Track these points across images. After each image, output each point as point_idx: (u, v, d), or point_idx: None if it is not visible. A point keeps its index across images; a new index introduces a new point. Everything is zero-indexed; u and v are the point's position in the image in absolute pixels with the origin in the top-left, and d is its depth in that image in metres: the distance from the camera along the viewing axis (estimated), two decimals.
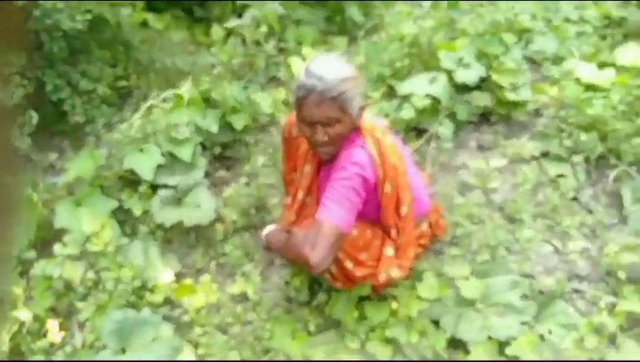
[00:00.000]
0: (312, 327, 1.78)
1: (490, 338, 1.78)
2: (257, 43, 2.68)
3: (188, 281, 1.90)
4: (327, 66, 1.56)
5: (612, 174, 2.44)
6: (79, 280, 1.89)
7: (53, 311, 1.87)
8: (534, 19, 3.26)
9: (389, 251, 1.76)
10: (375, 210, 1.74)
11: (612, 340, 1.82)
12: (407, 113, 2.55)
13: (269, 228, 1.86)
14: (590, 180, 2.49)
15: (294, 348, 1.69)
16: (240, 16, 2.76)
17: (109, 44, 2.82)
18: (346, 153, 1.66)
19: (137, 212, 2.12)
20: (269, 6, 2.91)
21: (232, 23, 2.62)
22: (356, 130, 1.70)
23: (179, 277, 2.00)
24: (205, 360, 1.68)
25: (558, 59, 3.08)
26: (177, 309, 1.86)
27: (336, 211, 1.54)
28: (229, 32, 3.15)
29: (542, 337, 1.82)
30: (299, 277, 1.88)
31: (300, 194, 1.89)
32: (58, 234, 2.19)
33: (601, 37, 3.37)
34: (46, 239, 2.17)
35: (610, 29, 3.45)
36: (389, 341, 1.77)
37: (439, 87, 2.63)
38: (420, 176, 2.03)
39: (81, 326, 1.88)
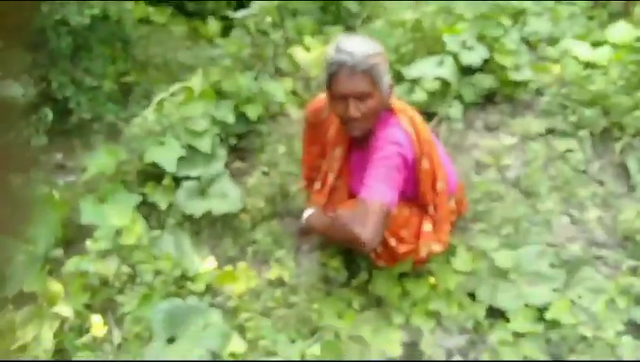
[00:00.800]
0: (355, 306, 1.80)
1: (526, 305, 1.84)
2: (264, 33, 2.67)
3: (228, 268, 1.89)
4: (356, 43, 1.61)
5: (617, 146, 2.55)
6: (113, 274, 1.86)
7: (88, 307, 1.83)
8: (526, 0, 3.35)
9: (427, 227, 1.80)
10: (412, 188, 1.77)
11: (637, 301, 1.91)
12: (419, 96, 2.59)
13: (309, 211, 1.86)
14: (597, 153, 2.59)
15: (343, 326, 1.70)
16: (243, 7, 2.75)
17: (108, 40, 2.76)
18: (383, 134, 1.68)
19: (163, 205, 2.10)
20: None
21: (240, 13, 2.60)
22: (388, 110, 1.73)
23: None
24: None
25: (552, 40, 3.18)
26: (219, 297, 1.85)
27: (381, 189, 1.57)
28: (228, 25, 3.13)
29: (573, 302, 1.88)
30: (336, 258, 1.90)
31: (331, 178, 1.90)
32: (81, 232, 2.15)
33: (589, 17, 3.50)
34: (68, 237, 2.12)
35: (596, 10, 3.58)
36: (431, 314, 1.81)
37: (447, 69, 2.68)
38: (446, 154, 2.07)
39: (118, 320, 1.85)
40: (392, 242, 1.72)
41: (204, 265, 1.90)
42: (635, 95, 2.57)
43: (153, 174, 2.20)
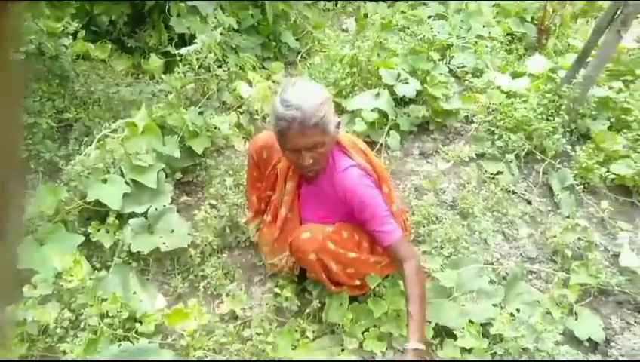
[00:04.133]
0: (309, 335, 1.82)
1: (471, 322, 1.93)
2: (207, 69, 2.70)
3: (178, 307, 1.85)
4: (301, 94, 1.58)
5: (540, 168, 2.78)
6: (54, 321, 1.77)
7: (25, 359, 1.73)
8: (451, 37, 3.61)
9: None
10: None
11: (570, 311, 2.06)
12: (360, 127, 2.71)
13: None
14: (523, 174, 2.81)
15: (298, 357, 1.71)
16: (185, 44, 2.77)
17: (44, 76, 2.68)
18: (344, 178, 1.72)
19: (107, 244, 2.03)
20: (209, 34, 2.96)
21: (183, 50, 2.62)
22: (337, 146, 1.78)
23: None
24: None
25: (477, 72, 3.45)
26: (170, 337, 1.81)
27: (391, 231, 1.71)
28: (171, 61, 3.14)
29: (512, 315, 2.00)
30: (288, 288, 1.92)
31: (283, 211, 1.94)
32: (16, 278, 2.03)
33: (507, 51, 3.82)
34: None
35: (513, 44, 3.92)
36: (383, 337, 1.86)
37: (384, 101, 2.83)
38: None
39: None
40: (351, 255, 1.77)
41: (153, 304, 1.85)
42: (553, 121, 2.83)
43: (96, 213, 2.14)
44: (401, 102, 3.03)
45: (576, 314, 2.05)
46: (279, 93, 1.63)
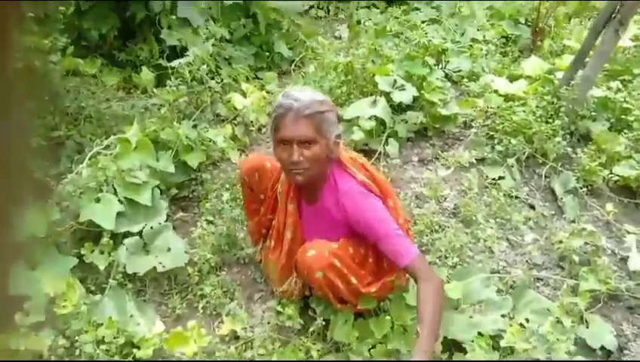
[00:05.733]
0: (314, 354, 1.76)
1: (480, 334, 1.87)
2: (200, 81, 2.65)
3: (177, 329, 1.78)
4: (304, 91, 1.67)
5: (542, 171, 2.73)
6: (48, 349, 1.70)
7: None
8: (446, 41, 3.58)
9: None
10: None
11: (580, 318, 2.00)
12: (358, 135, 2.66)
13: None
14: (524, 179, 2.76)
15: None
16: (177, 56, 2.72)
17: (33, 94, 2.62)
18: (348, 200, 1.68)
19: (102, 266, 1.96)
20: (201, 46, 2.92)
21: (175, 62, 2.57)
22: (337, 164, 1.74)
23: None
24: None
25: (473, 76, 3.41)
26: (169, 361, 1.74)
27: (405, 249, 1.64)
28: (163, 74, 3.09)
29: (522, 326, 1.95)
30: (290, 306, 1.85)
31: (288, 234, 1.88)
32: (7, 306, 1.96)
33: (502, 54, 3.79)
34: None
35: (508, 47, 3.90)
36: (391, 353, 1.80)
37: (381, 108, 2.78)
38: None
39: None
40: (353, 281, 1.71)
41: (151, 328, 1.78)
42: (552, 123, 2.78)
43: (90, 233, 2.07)
44: (398, 108, 2.98)
45: (586, 321, 1.99)
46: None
